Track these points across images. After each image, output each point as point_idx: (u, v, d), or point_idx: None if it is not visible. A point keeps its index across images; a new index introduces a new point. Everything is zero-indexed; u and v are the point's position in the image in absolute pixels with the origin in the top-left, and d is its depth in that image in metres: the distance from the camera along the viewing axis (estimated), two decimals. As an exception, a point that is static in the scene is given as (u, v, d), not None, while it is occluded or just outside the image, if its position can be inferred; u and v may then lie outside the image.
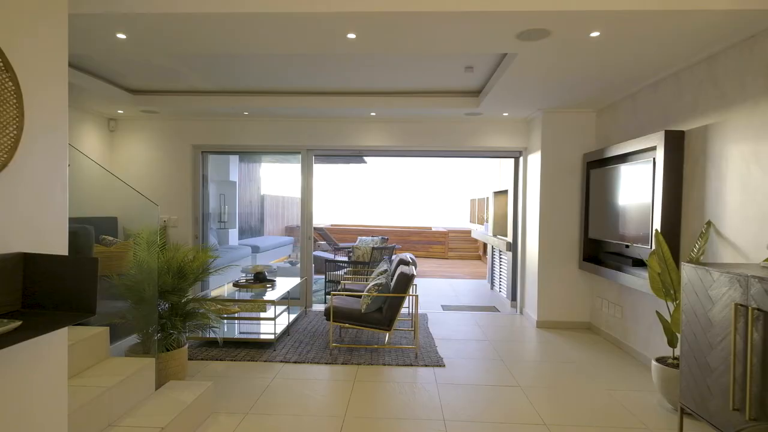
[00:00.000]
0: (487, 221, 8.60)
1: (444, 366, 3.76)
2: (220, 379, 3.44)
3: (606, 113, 4.69)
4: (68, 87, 4.56)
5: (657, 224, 3.40)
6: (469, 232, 11.98)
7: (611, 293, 4.48)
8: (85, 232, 2.82)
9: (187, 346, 3.22)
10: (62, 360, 1.83)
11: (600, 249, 4.69)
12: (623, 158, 4.16)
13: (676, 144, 3.35)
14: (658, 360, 3.02)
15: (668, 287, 2.91)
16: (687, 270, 2.48)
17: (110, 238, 4.98)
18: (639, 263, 3.82)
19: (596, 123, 4.92)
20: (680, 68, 3.42)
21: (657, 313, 3.04)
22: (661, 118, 3.71)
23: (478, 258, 12.24)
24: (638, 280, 3.65)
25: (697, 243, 3.00)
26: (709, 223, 3.02)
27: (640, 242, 3.62)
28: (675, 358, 2.97)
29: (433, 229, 13.36)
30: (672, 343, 2.97)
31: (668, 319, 2.99)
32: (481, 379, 3.50)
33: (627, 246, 4.12)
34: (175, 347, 3.09)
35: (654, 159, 3.50)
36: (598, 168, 4.53)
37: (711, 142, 3.08)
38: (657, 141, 3.44)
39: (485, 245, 11.49)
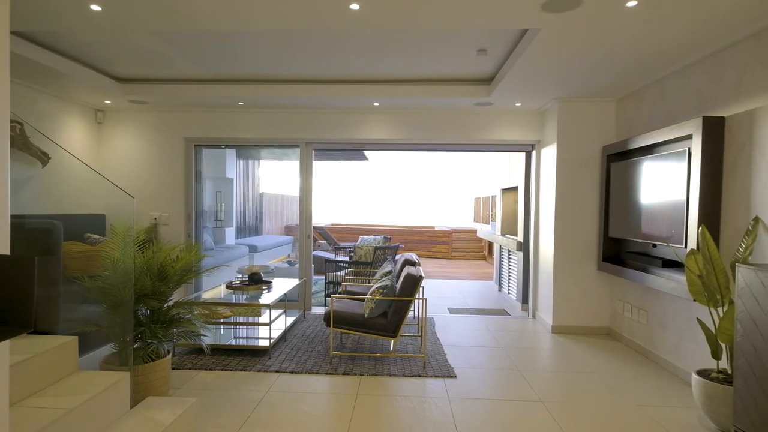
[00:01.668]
0: (493, 220, 8.27)
1: (455, 377, 3.42)
2: (208, 391, 3.10)
3: (628, 102, 4.35)
4: (50, 74, 4.26)
5: (693, 221, 3.07)
6: (474, 231, 11.64)
7: (634, 296, 4.14)
8: (52, 228, 2.49)
9: (170, 355, 2.89)
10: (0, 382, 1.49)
11: (622, 249, 4.34)
12: (649, 150, 3.82)
13: (715, 131, 3.00)
14: (700, 373, 2.68)
15: (713, 291, 2.57)
16: (744, 272, 2.14)
17: (95, 236, 4.64)
18: (669, 264, 3.48)
19: (616, 113, 4.58)
20: (720, 47, 3.08)
21: (698, 320, 2.70)
22: (694, 104, 3.37)
23: (483, 258, 11.90)
24: (669, 283, 3.30)
25: (743, 242, 2.66)
26: (756, 219, 2.68)
27: (674, 241, 3.28)
28: (720, 372, 2.63)
29: (436, 229, 13.02)
30: (716, 354, 2.63)
31: (712, 327, 2.65)
32: (497, 392, 3.16)
33: (654, 245, 3.78)
34: (156, 358, 2.75)
35: (689, 149, 3.16)
36: (620, 161, 4.19)
37: (759, 128, 2.74)
38: (693, 129, 3.10)
39: (490, 245, 11.16)
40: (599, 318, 4.63)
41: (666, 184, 3.42)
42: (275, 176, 10.45)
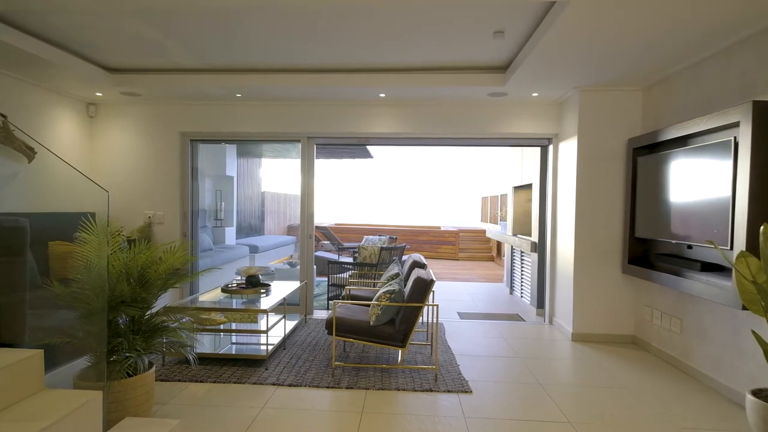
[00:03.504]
0: (504, 219, 7.93)
1: (470, 392, 3.09)
2: (197, 408, 2.79)
3: (655, 91, 4.01)
4: (36, 63, 3.95)
5: (741, 219, 2.72)
6: (482, 231, 11.30)
7: (665, 302, 3.79)
8: (16, 226, 2.19)
9: (153, 368, 2.58)
10: None
11: (650, 250, 4.00)
12: (683, 141, 3.48)
13: (767, 118, 2.66)
14: (756, 394, 2.34)
15: (774, 300, 2.23)
16: (823, 279, 1.80)
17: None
18: (709, 267, 3.13)
19: (642, 103, 4.24)
20: (771, 24, 2.74)
21: (753, 333, 2.36)
22: (737, 89, 3.02)
23: (491, 259, 11.55)
24: (710, 289, 2.96)
25: (804, 243, 2.32)
26: (820, 218, 2.34)
27: (719, 242, 2.93)
28: (781, 393, 2.29)
29: (442, 229, 12.69)
30: (775, 372, 2.29)
31: (770, 341, 2.31)
32: (519, 411, 2.82)
33: (689, 247, 3.44)
34: (137, 372, 2.45)
35: (735, 138, 2.82)
36: (649, 155, 3.85)
37: (822, 112, 2.39)
38: (740, 115, 2.76)
39: (499, 245, 10.82)
40: (624, 325, 4.29)
41: (705, 178, 3.08)
42: (278, 174, 10.19)
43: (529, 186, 6.01)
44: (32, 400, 2.04)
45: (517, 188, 6.65)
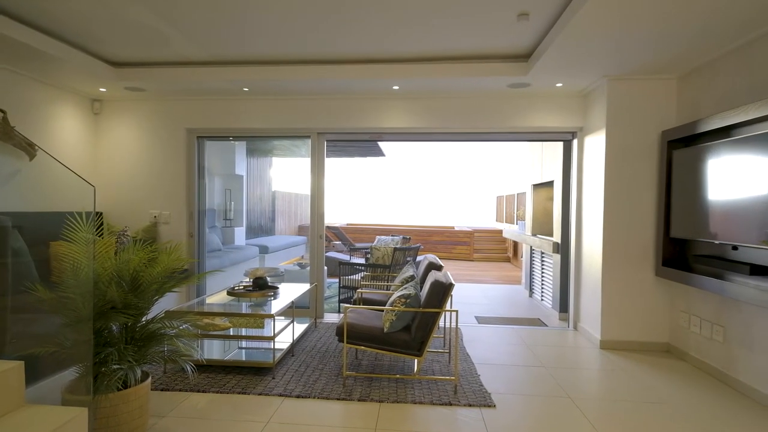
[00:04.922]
0: (521, 219, 7.62)
1: (494, 406, 2.82)
2: (197, 422, 2.58)
3: (693, 79, 3.69)
4: (37, 57, 3.76)
5: (801, 217, 2.42)
6: (499, 231, 10.99)
7: (705, 308, 3.48)
8: (-4, 224, 2.00)
9: (149, 380, 2.38)
10: None
11: (687, 251, 3.68)
12: (727, 132, 3.17)
13: (833, 102, 2.35)
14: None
15: None
16: None
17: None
18: (760, 270, 2.82)
19: (677, 93, 3.92)
20: (836, -4, 2.43)
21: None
22: (792, 73, 2.71)
23: (508, 260, 11.22)
24: (761, 294, 2.65)
25: None
26: None
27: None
28: None
29: (456, 229, 12.39)
30: None
31: None
32: (549, 429, 2.55)
33: (735, 248, 3.12)
34: (129, 384, 2.24)
35: (793, 126, 2.51)
36: (686, 148, 3.53)
37: None
38: (800, 100, 2.45)
39: (516, 246, 10.49)
40: (657, 332, 3.97)
41: (756, 172, 2.77)
42: (288, 174, 10.01)
43: (550, 183, 5.71)
44: (9, 419, 1.84)
45: (536, 186, 6.35)
